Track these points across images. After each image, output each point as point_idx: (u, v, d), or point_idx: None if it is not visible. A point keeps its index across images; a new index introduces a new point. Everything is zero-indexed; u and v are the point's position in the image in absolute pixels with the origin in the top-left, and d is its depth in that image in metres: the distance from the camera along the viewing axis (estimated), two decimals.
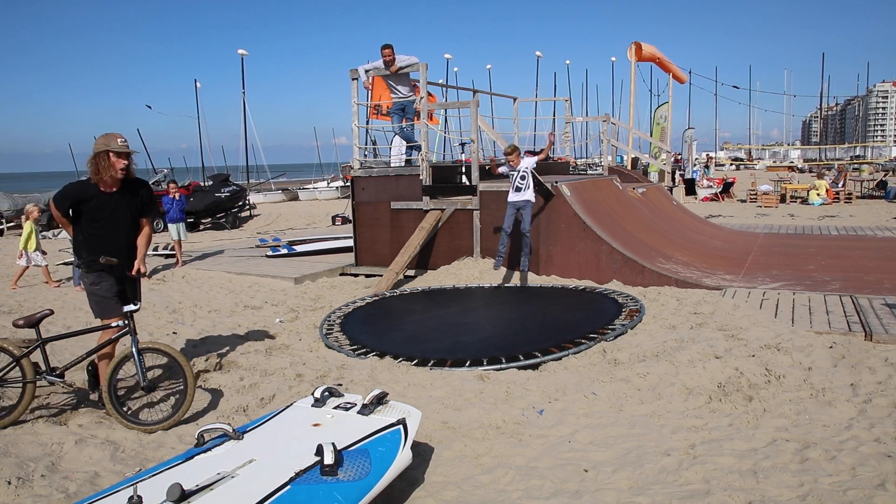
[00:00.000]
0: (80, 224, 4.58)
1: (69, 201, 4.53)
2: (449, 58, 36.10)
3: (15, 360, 4.32)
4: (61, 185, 4.84)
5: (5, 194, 20.38)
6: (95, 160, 4.42)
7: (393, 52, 9.67)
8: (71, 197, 4.53)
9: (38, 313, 4.52)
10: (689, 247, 10.33)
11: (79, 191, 4.54)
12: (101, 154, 4.41)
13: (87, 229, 4.56)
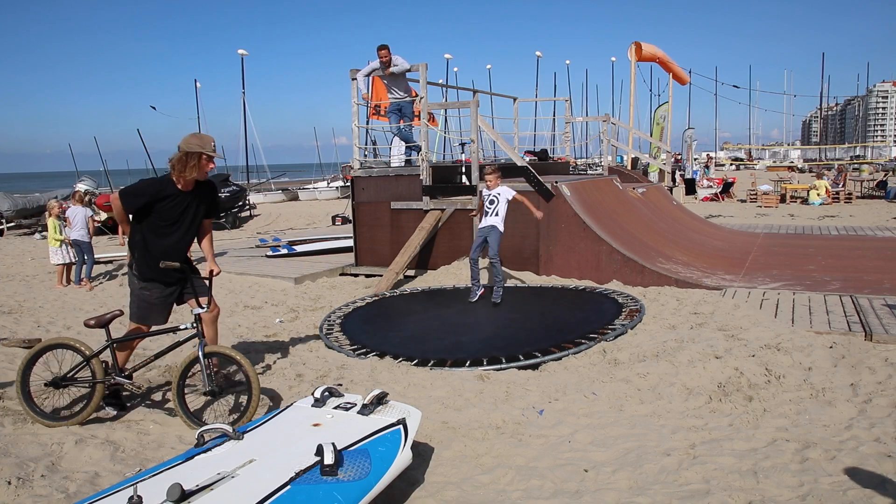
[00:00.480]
0: (145, 223, 4.41)
1: (145, 198, 4.34)
2: (449, 58, 36.12)
3: (85, 359, 4.32)
4: (61, 185, 4.80)
5: (5, 194, 20.38)
6: (185, 159, 4.30)
7: (389, 52, 9.69)
8: (148, 194, 4.34)
9: (109, 314, 4.46)
10: (689, 247, 10.33)
11: (157, 188, 4.37)
12: (192, 154, 4.30)
13: (152, 229, 4.41)
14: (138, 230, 4.45)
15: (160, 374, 5.32)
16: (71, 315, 7.76)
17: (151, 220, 4.40)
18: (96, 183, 20.79)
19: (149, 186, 4.38)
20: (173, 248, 4.49)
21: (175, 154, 4.35)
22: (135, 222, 4.46)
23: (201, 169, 4.35)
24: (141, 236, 4.44)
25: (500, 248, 7.19)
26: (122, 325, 7.14)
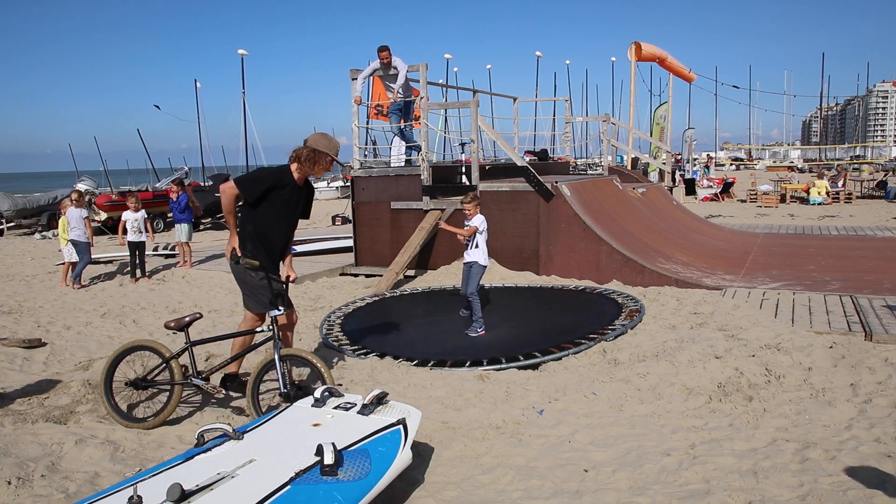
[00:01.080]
0: (255, 213, 4.39)
1: (266, 185, 4.33)
2: (449, 58, 36.16)
3: (165, 361, 4.29)
4: (61, 185, 4.78)
5: (5, 194, 20.38)
6: (315, 156, 4.36)
7: (390, 53, 9.71)
8: (269, 182, 4.35)
9: (189, 316, 4.43)
10: (689, 247, 10.34)
11: (277, 177, 4.39)
12: (323, 154, 4.37)
13: (264, 219, 4.40)
14: (249, 221, 4.42)
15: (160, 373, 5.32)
16: (71, 315, 7.76)
17: (264, 210, 4.38)
18: (96, 183, 20.80)
19: (270, 175, 4.40)
20: (278, 241, 4.49)
21: (301, 148, 4.40)
22: (247, 212, 4.41)
23: (325, 169, 4.43)
24: (252, 227, 4.42)
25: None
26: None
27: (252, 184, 4.37)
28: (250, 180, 4.41)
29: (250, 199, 4.38)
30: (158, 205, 18.31)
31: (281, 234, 4.52)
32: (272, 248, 4.49)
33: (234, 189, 4.34)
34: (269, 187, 4.36)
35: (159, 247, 12.71)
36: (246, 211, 4.45)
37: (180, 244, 10.90)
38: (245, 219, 4.45)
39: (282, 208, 4.44)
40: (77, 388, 4.96)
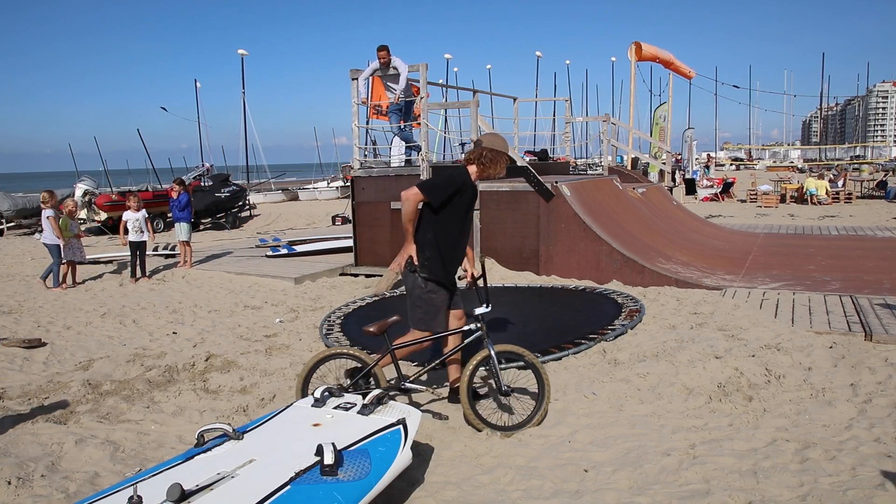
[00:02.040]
0: (439, 217, 4.20)
1: (452, 190, 4.18)
2: (449, 58, 36.14)
3: (367, 368, 4.17)
4: (61, 185, 4.76)
5: (5, 194, 20.39)
6: (496, 157, 4.25)
7: (389, 53, 9.70)
8: (456, 186, 4.19)
9: (390, 319, 4.22)
10: (689, 247, 10.34)
11: (462, 179, 4.23)
12: (502, 154, 4.27)
13: (446, 224, 4.22)
14: (430, 227, 4.21)
15: (160, 374, 5.33)
16: (71, 315, 7.76)
17: (446, 215, 4.20)
18: (96, 183, 20.80)
19: (456, 177, 4.23)
20: (459, 245, 4.32)
21: (480, 149, 4.26)
22: (429, 218, 4.21)
23: (501, 171, 4.29)
24: (433, 234, 4.21)
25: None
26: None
27: (440, 188, 4.17)
28: (438, 185, 4.19)
29: (436, 204, 4.16)
30: (158, 205, 18.31)
31: (459, 240, 4.32)
32: (451, 255, 4.28)
33: (419, 195, 4.13)
34: (455, 191, 4.19)
35: (159, 247, 12.71)
36: (426, 217, 4.22)
37: (180, 243, 10.89)
38: (425, 226, 4.22)
39: (462, 212, 4.27)
40: (77, 388, 4.97)
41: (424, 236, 4.23)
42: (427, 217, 4.22)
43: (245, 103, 26.01)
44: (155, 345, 6.40)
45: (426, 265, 4.21)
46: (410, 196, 4.15)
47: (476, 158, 4.27)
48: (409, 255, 4.22)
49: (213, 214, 19.90)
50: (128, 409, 4.60)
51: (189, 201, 11.05)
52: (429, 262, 4.21)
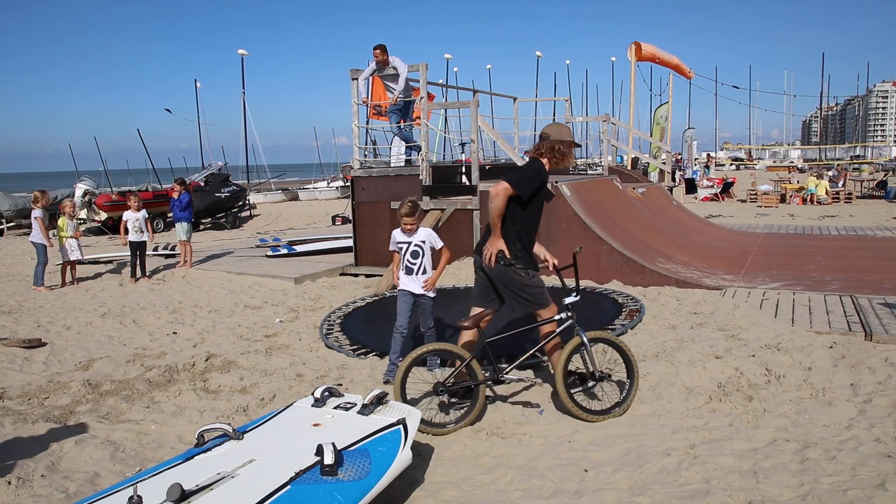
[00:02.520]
0: (523, 212, 4.32)
1: (539, 182, 4.32)
2: (449, 58, 36.11)
3: (465, 362, 4.20)
4: (61, 185, 4.76)
5: (5, 194, 20.38)
6: (566, 148, 4.35)
7: (384, 52, 9.70)
8: (541, 179, 4.33)
9: (483, 313, 4.31)
10: (689, 247, 10.34)
11: (545, 171, 4.37)
12: (570, 143, 4.39)
13: (529, 216, 4.35)
14: (516, 220, 4.32)
15: (160, 374, 5.33)
16: (71, 315, 7.76)
17: (531, 208, 4.34)
18: (96, 183, 20.79)
19: (541, 171, 4.35)
20: (534, 238, 4.47)
21: (549, 142, 4.37)
22: (514, 211, 4.30)
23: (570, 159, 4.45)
24: (519, 226, 4.34)
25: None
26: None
27: (528, 182, 4.28)
28: (527, 178, 4.30)
29: (526, 197, 4.28)
30: (159, 205, 18.31)
31: (536, 231, 4.48)
32: (532, 246, 4.45)
33: (509, 189, 4.23)
34: (541, 185, 4.33)
35: (160, 247, 12.71)
36: (511, 211, 4.30)
37: (181, 243, 10.89)
38: (510, 219, 4.32)
39: (541, 205, 4.42)
40: (77, 388, 4.97)
41: (511, 229, 4.33)
42: (512, 210, 4.31)
43: (245, 103, 26.01)
44: (155, 345, 6.40)
45: (519, 256, 4.35)
46: (500, 191, 4.24)
47: (548, 152, 4.38)
48: (500, 249, 4.30)
49: (213, 214, 19.89)
50: (128, 409, 4.60)
51: (190, 201, 11.06)
52: (521, 253, 4.36)
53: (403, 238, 5.09)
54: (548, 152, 4.37)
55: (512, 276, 4.35)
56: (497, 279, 4.41)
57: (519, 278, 4.35)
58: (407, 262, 5.08)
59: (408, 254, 5.07)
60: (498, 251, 4.29)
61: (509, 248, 4.32)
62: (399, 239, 5.11)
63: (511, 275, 4.34)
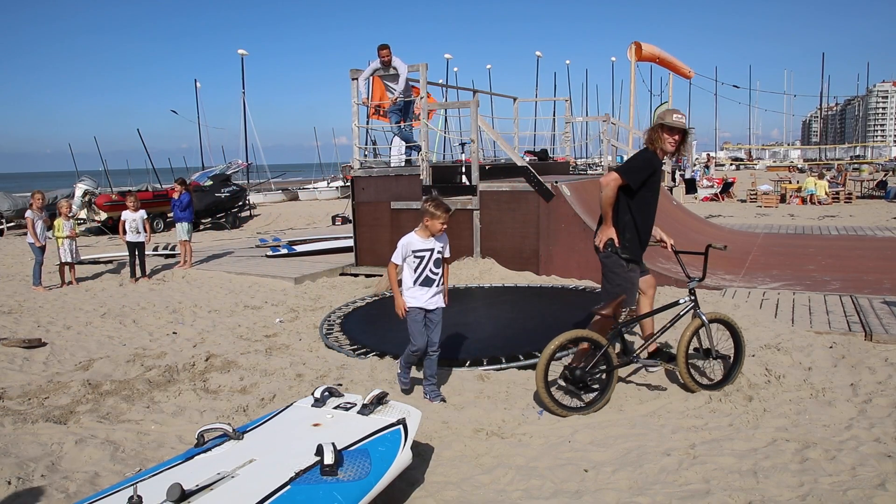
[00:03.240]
0: (633, 201, 4.43)
1: (650, 171, 4.40)
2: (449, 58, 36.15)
3: (602, 348, 4.30)
4: (61, 185, 4.77)
5: (5, 194, 20.39)
6: (652, 134, 4.42)
7: (390, 52, 9.72)
8: (653, 166, 4.41)
9: (619, 300, 4.42)
10: (688, 247, 10.33)
11: (657, 160, 4.43)
12: (657, 126, 4.41)
13: (642, 205, 4.47)
14: (628, 209, 4.45)
15: (160, 374, 5.33)
16: (71, 315, 7.76)
17: (643, 195, 4.43)
18: (96, 183, 20.80)
19: (652, 158, 4.41)
20: (650, 227, 4.57)
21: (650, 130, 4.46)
22: (626, 200, 4.41)
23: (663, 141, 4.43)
24: (631, 216, 4.45)
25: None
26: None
27: (639, 171, 4.38)
28: (636, 168, 4.40)
29: (635, 186, 4.38)
30: (159, 205, 18.31)
31: (652, 218, 4.57)
32: (646, 234, 4.54)
33: (618, 179, 4.34)
34: (651, 172, 4.40)
35: (160, 247, 12.71)
36: (622, 200, 4.42)
37: (181, 243, 10.89)
38: (622, 208, 4.44)
39: (655, 192, 4.51)
40: (77, 388, 4.97)
41: (623, 218, 4.47)
42: (623, 199, 4.43)
43: (245, 103, 26.03)
44: (155, 345, 6.40)
45: (627, 247, 4.47)
46: (610, 181, 4.36)
47: (649, 141, 4.46)
48: (610, 237, 4.45)
49: (213, 214, 19.89)
50: (128, 409, 4.60)
51: (190, 201, 11.07)
52: (629, 243, 4.48)
53: (424, 245, 4.48)
54: (648, 142, 4.47)
55: (615, 263, 4.50)
56: (605, 263, 4.59)
57: (619, 268, 4.51)
58: (429, 273, 4.53)
59: (430, 263, 4.53)
60: (608, 239, 4.44)
61: (620, 237, 4.47)
62: (418, 247, 4.46)
63: (615, 261, 4.50)
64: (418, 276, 4.48)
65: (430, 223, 4.43)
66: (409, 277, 4.49)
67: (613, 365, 4.33)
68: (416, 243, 4.49)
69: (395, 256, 4.47)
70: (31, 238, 9.66)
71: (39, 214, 9.77)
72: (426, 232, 4.46)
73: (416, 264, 4.48)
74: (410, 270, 4.47)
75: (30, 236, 9.69)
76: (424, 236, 4.46)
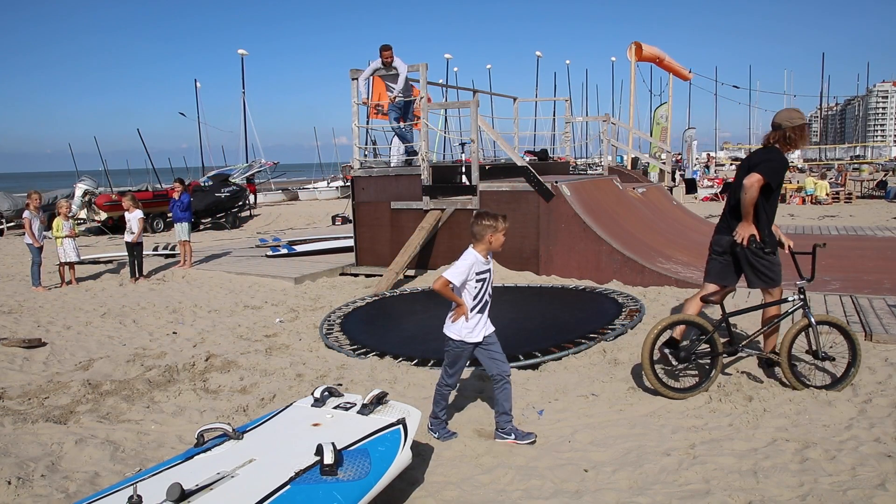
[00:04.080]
0: (767, 199, 4.71)
1: (784, 171, 4.74)
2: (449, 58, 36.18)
3: (708, 334, 4.53)
4: (61, 185, 4.77)
5: (5, 194, 20.39)
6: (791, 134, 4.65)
7: (392, 53, 9.74)
8: (787, 167, 4.77)
9: (726, 289, 4.76)
10: (689, 247, 10.33)
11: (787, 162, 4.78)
12: (798, 127, 4.66)
13: (773, 204, 4.79)
14: (763, 209, 4.74)
15: (160, 374, 5.33)
16: (71, 315, 7.76)
17: (773, 195, 4.76)
18: (96, 183, 20.80)
19: (784, 160, 4.73)
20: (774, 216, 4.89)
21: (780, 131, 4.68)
22: (760, 200, 4.67)
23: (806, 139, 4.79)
24: (765, 213, 4.76)
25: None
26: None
27: (778, 171, 4.67)
28: (777, 168, 4.65)
29: (776, 186, 4.68)
30: (159, 205, 18.30)
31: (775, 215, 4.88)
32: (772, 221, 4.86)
33: (762, 180, 4.60)
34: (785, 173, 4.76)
35: (159, 246, 12.70)
36: (761, 199, 4.68)
37: (181, 243, 10.88)
38: (761, 206, 4.71)
39: (780, 191, 4.83)
40: (77, 388, 4.97)
41: (760, 216, 4.75)
42: (761, 199, 4.69)
43: (245, 103, 26.07)
44: (155, 345, 6.40)
45: (767, 241, 4.79)
46: (754, 182, 4.60)
47: (781, 140, 4.70)
48: (753, 234, 4.75)
49: (213, 214, 19.89)
50: (128, 409, 4.60)
51: (190, 201, 11.08)
52: (769, 237, 4.81)
53: (486, 266, 3.87)
54: (781, 140, 4.70)
55: (761, 258, 4.80)
56: (746, 259, 4.85)
57: (766, 260, 4.83)
58: (488, 297, 3.94)
59: (489, 286, 3.93)
60: (751, 235, 4.73)
61: (760, 233, 4.76)
62: (482, 268, 3.85)
63: (761, 256, 4.80)
64: (478, 303, 3.90)
65: (494, 238, 3.80)
66: (469, 303, 3.88)
67: (718, 352, 4.54)
68: (481, 263, 3.85)
69: (453, 275, 3.76)
70: (29, 239, 9.66)
71: (36, 214, 9.76)
72: (486, 249, 3.85)
73: (478, 289, 3.87)
74: (469, 297, 3.86)
75: (27, 237, 9.69)
76: (485, 255, 3.86)
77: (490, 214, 3.82)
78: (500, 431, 3.92)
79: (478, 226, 3.79)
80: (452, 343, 3.93)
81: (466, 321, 3.87)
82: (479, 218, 3.83)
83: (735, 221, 4.80)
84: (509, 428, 3.91)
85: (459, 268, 3.77)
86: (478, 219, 3.83)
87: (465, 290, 3.84)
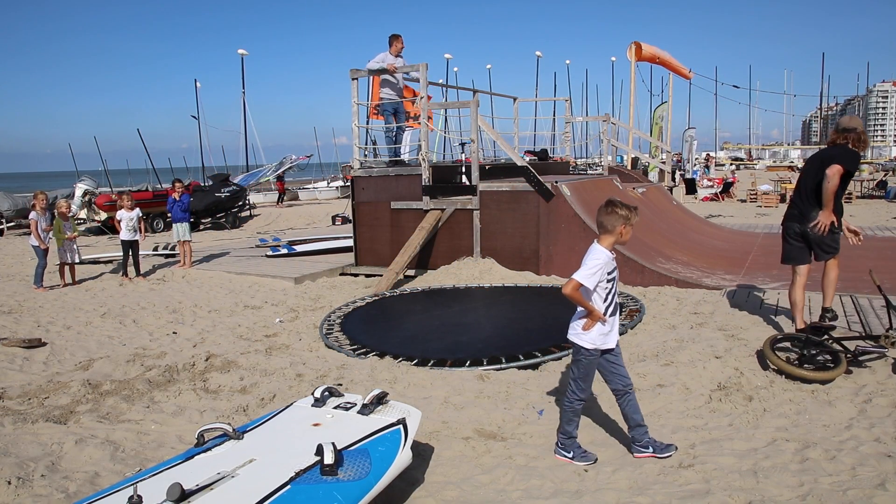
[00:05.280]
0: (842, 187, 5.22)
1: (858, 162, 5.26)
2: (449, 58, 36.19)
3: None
4: (61, 185, 4.78)
5: (5, 194, 20.38)
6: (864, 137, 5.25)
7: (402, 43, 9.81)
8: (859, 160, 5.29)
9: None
10: (689, 247, 10.33)
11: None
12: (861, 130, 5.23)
13: (842, 192, 5.27)
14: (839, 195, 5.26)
15: (160, 373, 5.33)
16: (71, 315, 7.76)
17: (845, 184, 5.26)
18: (96, 183, 20.80)
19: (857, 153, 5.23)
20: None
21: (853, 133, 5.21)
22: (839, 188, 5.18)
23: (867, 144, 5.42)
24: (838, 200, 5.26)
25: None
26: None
27: (855, 160, 5.17)
28: (854, 159, 5.17)
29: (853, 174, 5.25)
30: (159, 205, 18.30)
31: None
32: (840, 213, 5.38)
33: (842, 170, 5.08)
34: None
35: (159, 246, 12.71)
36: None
37: (180, 243, 10.89)
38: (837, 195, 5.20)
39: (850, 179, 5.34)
40: (77, 388, 4.96)
41: (837, 203, 5.23)
42: None
43: (245, 103, 26.07)
44: (155, 345, 6.40)
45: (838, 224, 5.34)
46: (836, 173, 5.08)
47: (855, 140, 5.20)
48: (832, 220, 5.24)
49: (212, 214, 19.89)
50: (128, 409, 4.60)
51: (189, 202, 11.12)
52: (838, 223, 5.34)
53: (614, 264, 3.55)
54: (854, 141, 5.20)
55: (833, 238, 5.35)
56: (819, 241, 5.39)
57: (834, 241, 5.37)
58: (618, 298, 3.63)
59: (617, 286, 3.61)
60: (831, 222, 5.24)
61: (838, 217, 5.31)
62: (612, 267, 3.53)
63: (833, 236, 5.34)
64: (609, 304, 3.50)
65: (625, 230, 3.45)
66: (599, 307, 3.49)
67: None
68: (610, 263, 3.49)
69: (584, 277, 3.39)
70: (35, 240, 9.63)
71: (43, 215, 9.76)
72: (614, 243, 3.49)
73: (608, 290, 3.50)
74: (599, 300, 3.48)
75: (33, 238, 9.66)
76: (611, 252, 3.50)
77: (623, 204, 3.42)
78: (638, 445, 3.59)
79: (611, 216, 3.39)
80: (586, 352, 3.51)
81: (603, 325, 3.46)
82: (611, 207, 3.41)
83: (806, 206, 5.34)
84: (647, 441, 3.58)
85: (592, 268, 3.38)
86: (610, 207, 3.41)
87: (594, 293, 3.45)
